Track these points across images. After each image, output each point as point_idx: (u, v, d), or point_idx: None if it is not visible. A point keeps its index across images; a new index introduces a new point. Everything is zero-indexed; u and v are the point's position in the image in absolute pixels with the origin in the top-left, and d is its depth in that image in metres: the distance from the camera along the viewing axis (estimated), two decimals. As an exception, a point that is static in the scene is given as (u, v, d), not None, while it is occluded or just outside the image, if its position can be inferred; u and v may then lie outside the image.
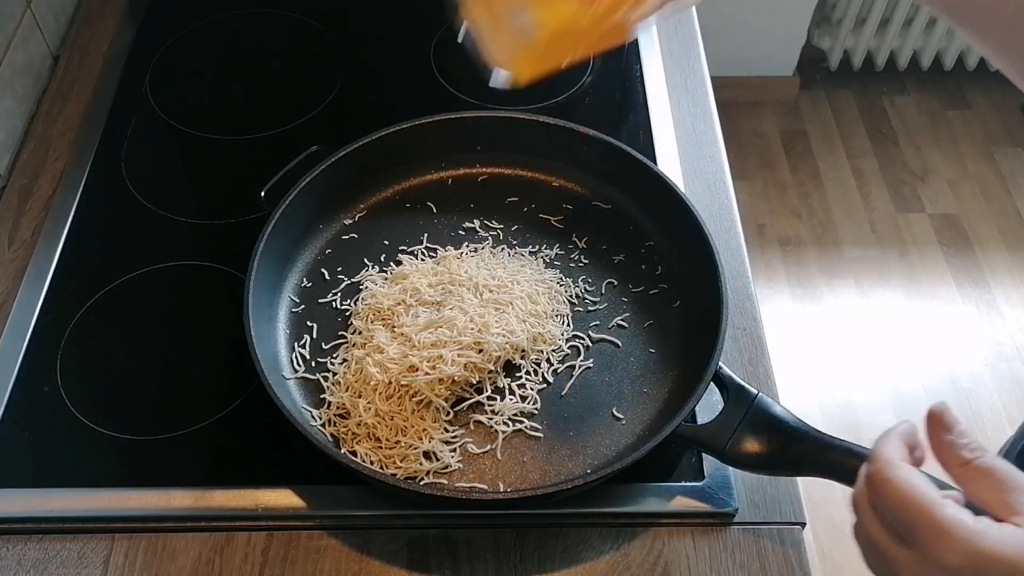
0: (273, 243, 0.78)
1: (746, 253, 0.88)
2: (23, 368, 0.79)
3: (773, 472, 0.70)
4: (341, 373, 0.74)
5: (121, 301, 0.84)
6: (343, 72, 1.04)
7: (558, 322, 0.78)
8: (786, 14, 2.10)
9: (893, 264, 1.97)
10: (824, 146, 2.18)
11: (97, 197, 0.92)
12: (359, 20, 1.11)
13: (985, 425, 1.73)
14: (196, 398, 0.78)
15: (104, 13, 1.11)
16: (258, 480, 0.72)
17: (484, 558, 0.69)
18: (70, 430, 0.75)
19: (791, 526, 0.71)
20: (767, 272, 1.96)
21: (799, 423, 0.68)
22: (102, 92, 1.02)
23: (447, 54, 1.05)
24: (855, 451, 0.64)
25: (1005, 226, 2.04)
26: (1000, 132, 2.22)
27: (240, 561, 0.69)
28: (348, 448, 0.70)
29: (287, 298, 0.80)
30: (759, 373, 0.80)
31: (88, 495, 0.72)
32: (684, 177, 0.92)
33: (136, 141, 0.97)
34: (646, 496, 0.71)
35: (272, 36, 1.10)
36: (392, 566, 0.69)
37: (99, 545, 0.70)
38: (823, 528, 1.60)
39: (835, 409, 1.76)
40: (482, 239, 0.85)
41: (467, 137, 0.88)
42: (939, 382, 1.79)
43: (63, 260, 0.86)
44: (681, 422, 0.68)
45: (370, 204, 0.87)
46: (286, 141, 0.96)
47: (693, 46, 1.07)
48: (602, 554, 0.70)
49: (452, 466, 0.70)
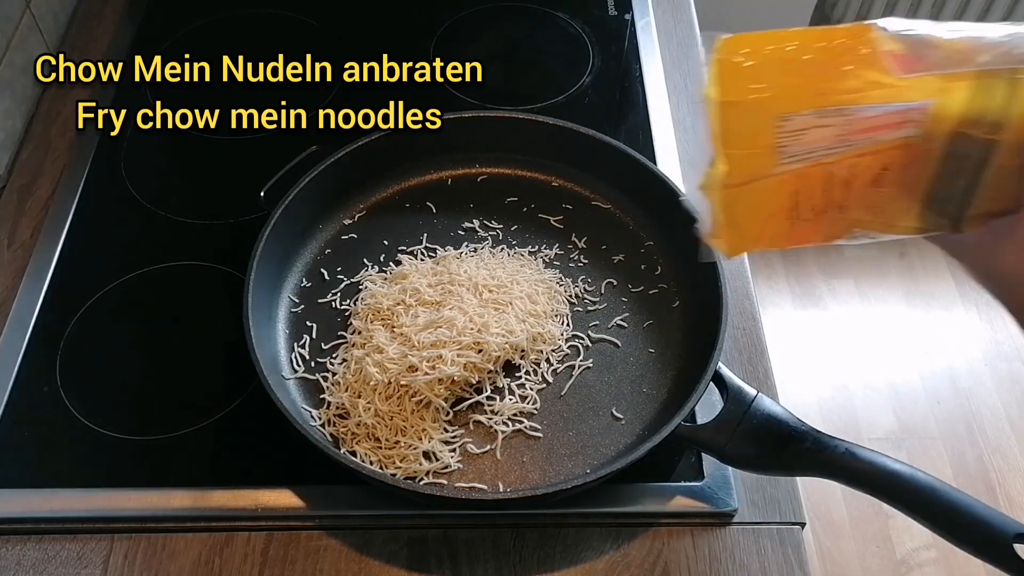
0: (273, 243, 0.78)
1: (746, 253, 0.88)
2: (23, 368, 0.79)
3: (773, 472, 0.70)
4: (341, 373, 0.74)
5: (121, 301, 0.84)
6: (343, 72, 1.04)
7: (557, 322, 0.78)
8: (785, 14, 2.10)
9: (893, 264, 1.97)
10: (824, 146, 2.18)
11: (97, 197, 0.92)
12: (359, 20, 1.11)
13: (985, 425, 1.73)
14: (196, 398, 0.78)
15: (104, 13, 1.11)
16: (258, 480, 0.72)
17: (484, 558, 0.69)
18: (70, 430, 0.75)
19: (791, 526, 0.71)
20: (767, 272, 1.96)
21: (798, 423, 0.68)
22: (101, 92, 1.01)
23: (447, 54, 1.05)
24: (854, 451, 0.64)
25: (1004, 226, 2.04)
26: (999, 132, 2.22)
27: (240, 561, 0.69)
28: (348, 448, 0.70)
29: (287, 298, 0.81)
30: (758, 373, 0.80)
31: (88, 495, 0.72)
32: (684, 177, 0.92)
33: (135, 141, 0.97)
34: (646, 496, 0.71)
35: (272, 36, 1.10)
36: (392, 566, 0.69)
37: (99, 545, 0.70)
38: (823, 528, 1.60)
39: (834, 409, 1.76)
40: (481, 239, 0.85)
41: (467, 137, 0.88)
42: (939, 382, 1.79)
43: (63, 260, 0.86)
44: (681, 422, 0.68)
45: (370, 204, 0.87)
46: (286, 141, 0.96)
47: (692, 46, 1.07)
48: (602, 554, 0.70)
49: (452, 466, 0.70)
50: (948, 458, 1.70)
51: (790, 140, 0.49)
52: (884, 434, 1.73)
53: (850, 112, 0.48)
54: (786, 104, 0.49)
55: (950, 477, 1.66)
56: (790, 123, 0.49)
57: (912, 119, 0.47)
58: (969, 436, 1.72)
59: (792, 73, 0.49)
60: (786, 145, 0.49)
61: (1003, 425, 1.72)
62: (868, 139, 0.48)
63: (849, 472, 0.64)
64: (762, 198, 0.52)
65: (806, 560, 0.70)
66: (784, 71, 0.50)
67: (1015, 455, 1.69)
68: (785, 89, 0.49)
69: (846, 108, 0.48)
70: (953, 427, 1.73)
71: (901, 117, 0.47)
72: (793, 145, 0.49)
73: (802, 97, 0.49)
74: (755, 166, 0.50)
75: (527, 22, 1.10)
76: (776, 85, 0.49)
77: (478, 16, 1.10)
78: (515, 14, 1.11)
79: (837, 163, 0.49)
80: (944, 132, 0.47)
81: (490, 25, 1.10)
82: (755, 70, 0.50)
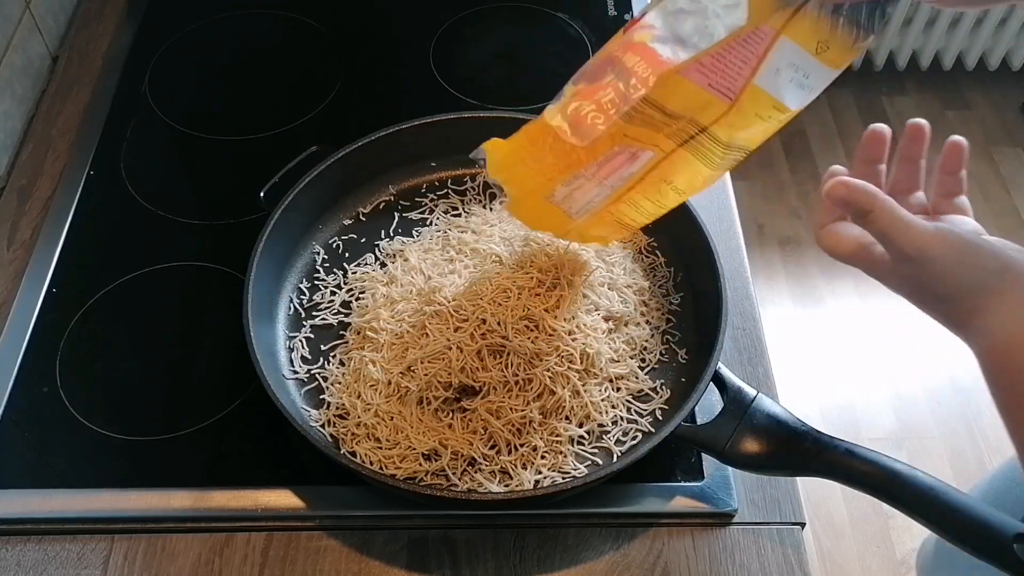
0: (273, 243, 0.78)
1: (745, 253, 0.88)
2: (23, 368, 0.79)
3: (772, 472, 0.70)
4: (340, 373, 0.74)
5: (121, 301, 0.84)
6: (343, 72, 1.04)
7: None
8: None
9: (893, 264, 1.97)
10: (823, 146, 2.18)
11: (97, 197, 0.92)
12: (358, 20, 1.11)
13: (985, 425, 1.73)
14: (196, 398, 0.78)
15: (103, 13, 1.11)
16: (258, 480, 0.72)
17: (484, 558, 0.69)
18: (70, 430, 0.75)
19: (791, 526, 0.71)
20: (767, 272, 1.96)
21: (798, 423, 0.68)
22: (101, 92, 1.02)
23: (447, 54, 1.06)
24: (854, 451, 0.64)
25: (1004, 226, 2.04)
26: (999, 132, 2.22)
27: (240, 562, 0.69)
28: (348, 448, 0.70)
29: (287, 298, 0.80)
30: (758, 373, 0.80)
31: (88, 495, 0.72)
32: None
33: (135, 141, 0.97)
34: (646, 496, 0.71)
35: (272, 36, 1.10)
36: (392, 566, 0.69)
37: (99, 546, 0.70)
38: (823, 528, 1.60)
39: (834, 409, 1.76)
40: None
41: (467, 137, 0.88)
42: (939, 381, 1.79)
43: (63, 260, 0.86)
44: (681, 422, 0.68)
45: (369, 204, 0.87)
46: (286, 141, 0.96)
47: (692, 46, 1.07)
48: (602, 554, 0.70)
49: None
50: (948, 458, 1.69)
51: (568, 204, 0.66)
52: (884, 434, 1.72)
53: (581, 175, 0.63)
54: (541, 189, 0.65)
55: (950, 477, 1.66)
56: (555, 197, 0.65)
57: (635, 150, 0.61)
58: (969, 436, 1.72)
59: (530, 171, 0.65)
60: (569, 207, 0.66)
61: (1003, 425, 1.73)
62: (620, 177, 0.63)
63: (849, 472, 0.64)
64: (595, 227, 0.68)
65: (806, 560, 0.70)
66: (525, 170, 0.65)
67: (1015, 455, 1.69)
68: (533, 182, 0.65)
69: (576, 174, 0.63)
70: (953, 427, 1.73)
71: (626, 154, 0.62)
72: (574, 204, 0.65)
73: (544, 184, 0.65)
74: (562, 224, 0.67)
75: (527, 22, 1.10)
76: (526, 181, 0.66)
77: (478, 16, 1.10)
78: (515, 14, 1.11)
79: (624, 197, 0.64)
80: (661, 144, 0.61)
81: (490, 25, 1.10)
82: (511, 174, 0.66)
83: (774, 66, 0.57)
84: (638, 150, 0.61)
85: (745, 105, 0.58)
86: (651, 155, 0.62)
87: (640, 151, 0.62)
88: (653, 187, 0.64)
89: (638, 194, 0.64)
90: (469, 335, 0.70)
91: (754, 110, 0.59)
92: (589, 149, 0.62)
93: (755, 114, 0.59)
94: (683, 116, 0.59)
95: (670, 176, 0.63)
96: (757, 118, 0.59)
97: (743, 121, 0.59)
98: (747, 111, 0.58)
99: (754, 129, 0.60)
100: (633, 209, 0.66)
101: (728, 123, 0.59)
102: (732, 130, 0.59)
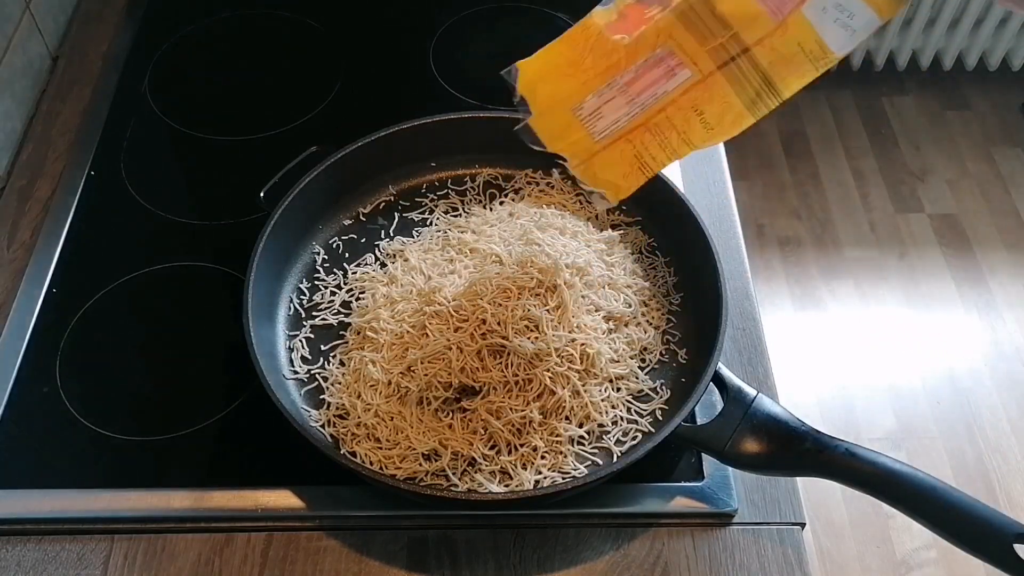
0: (273, 243, 0.78)
1: (745, 253, 0.88)
2: (23, 368, 0.79)
3: (772, 472, 0.70)
4: (340, 373, 0.74)
5: (121, 301, 0.84)
6: (343, 72, 1.04)
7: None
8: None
9: (892, 264, 1.97)
10: (823, 146, 2.18)
11: (96, 197, 0.92)
12: (358, 20, 1.11)
13: (985, 425, 1.73)
14: (196, 398, 0.78)
15: (103, 14, 1.11)
16: (258, 481, 0.72)
17: (484, 558, 0.69)
18: (70, 430, 0.75)
19: (791, 526, 0.71)
20: (766, 272, 1.96)
21: (798, 423, 0.68)
22: (101, 93, 1.02)
23: (447, 54, 1.06)
24: (854, 451, 0.64)
25: (1004, 226, 2.04)
26: (999, 132, 2.22)
27: (240, 562, 0.69)
28: (348, 448, 0.70)
29: (287, 298, 0.80)
30: (758, 373, 0.80)
31: (88, 496, 0.72)
32: (683, 177, 0.92)
33: (135, 142, 0.97)
34: (646, 496, 0.71)
35: (272, 36, 1.10)
36: (392, 566, 0.69)
37: (99, 546, 0.70)
38: (823, 528, 1.60)
39: (834, 409, 1.76)
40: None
41: (467, 137, 0.88)
42: (938, 382, 1.79)
43: (63, 260, 0.86)
44: (681, 422, 0.68)
45: (369, 204, 0.87)
46: (286, 141, 0.96)
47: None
48: (602, 554, 0.70)
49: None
50: (948, 458, 1.69)
51: (594, 121, 0.65)
52: (884, 434, 1.73)
53: (616, 82, 0.63)
54: (572, 97, 0.65)
55: (950, 477, 1.66)
56: (583, 110, 0.65)
57: (673, 65, 0.62)
58: (969, 436, 1.72)
59: (565, 76, 0.64)
60: (594, 125, 0.65)
61: (1003, 425, 1.72)
62: (653, 95, 0.63)
63: (849, 472, 0.64)
64: (611, 165, 0.66)
65: (806, 560, 0.70)
66: (560, 76, 0.65)
67: (1015, 455, 1.69)
68: (565, 89, 0.65)
69: (611, 81, 0.63)
70: (953, 427, 1.73)
71: (664, 68, 0.62)
72: (599, 123, 0.65)
73: (578, 89, 0.64)
74: (581, 148, 0.66)
75: (527, 22, 1.10)
76: (557, 90, 0.65)
77: (478, 16, 1.10)
78: (515, 14, 1.11)
79: (651, 122, 0.64)
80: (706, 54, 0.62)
81: (490, 25, 1.10)
82: (543, 85, 0.65)
83: (821, 3, 0.59)
84: (676, 65, 0.62)
85: (791, 30, 0.60)
86: (688, 74, 0.62)
87: (677, 68, 0.62)
88: (682, 115, 0.64)
89: (666, 121, 0.64)
90: (469, 335, 0.70)
91: (797, 39, 0.60)
92: (631, 50, 0.62)
93: (798, 44, 0.60)
94: (730, 25, 0.61)
95: (702, 104, 0.63)
96: (799, 50, 0.61)
97: (786, 48, 0.61)
98: (791, 38, 0.60)
99: (793, 65, 0.61)
100: (657, 142, 0.65)
101: (771, 46, 0.61)
102: (774, 55, 0.61)
